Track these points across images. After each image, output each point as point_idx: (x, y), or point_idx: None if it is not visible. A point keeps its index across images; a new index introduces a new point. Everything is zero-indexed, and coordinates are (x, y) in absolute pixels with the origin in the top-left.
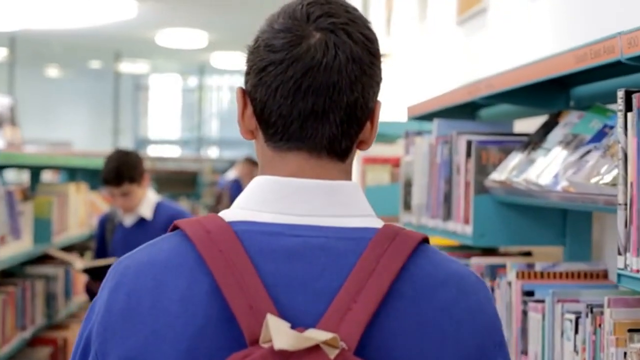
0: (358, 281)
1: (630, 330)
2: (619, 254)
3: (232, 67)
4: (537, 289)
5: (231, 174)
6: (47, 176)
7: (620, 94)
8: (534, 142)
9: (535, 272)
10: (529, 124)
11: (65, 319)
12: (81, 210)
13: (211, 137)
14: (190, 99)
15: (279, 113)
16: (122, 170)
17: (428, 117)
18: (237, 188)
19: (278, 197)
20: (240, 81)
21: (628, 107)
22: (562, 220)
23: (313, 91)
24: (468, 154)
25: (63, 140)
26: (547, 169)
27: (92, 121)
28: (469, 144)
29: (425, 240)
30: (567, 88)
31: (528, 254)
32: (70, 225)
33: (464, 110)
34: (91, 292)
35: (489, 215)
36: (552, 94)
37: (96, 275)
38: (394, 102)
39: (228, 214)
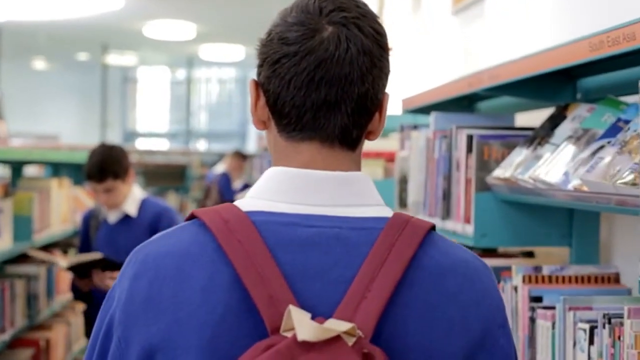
0: (371, 270)
1: None
2: None
3: (220, 60)
4: (545, 294)
5: (220, 168)
6: (33, 171)
7: None
8: (540, 136)
9: (543, 275)
10: (530, 118)
11: (47, 319)
12: (64, 207)
13: (200, 130)
14: (179, 91)
15: (292, 104)
16: (105, 165)
17: (422, 110)
18: (225, 182)
19: (292, 188)
20: (229, 73)
21: None
22: (568, 220)
23: (326, 82)
24: (469, 149)
25: (50, 134)
26: (556, 166)
27: (79, 114)
28: (470, 138)
29: (432, 228)
30: (573, 79)
31: (529, 254)
32: (53, 222)
33: (461, 103)
34: (77, 291)
35: (491, 215)
36: (558, 86)
37: (82, 272)
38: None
39: (243, 204)
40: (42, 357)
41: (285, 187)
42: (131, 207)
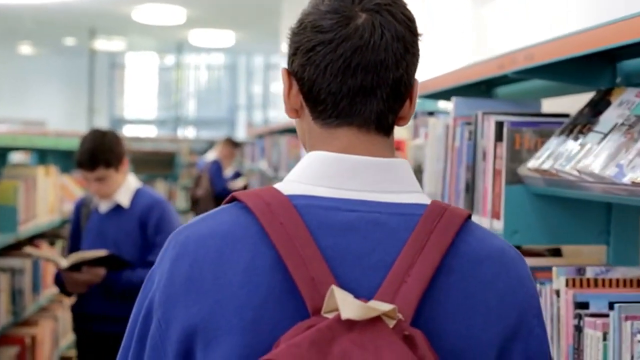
0: (410, 256)
1: None
2: None
3: (210, 45)
4: (591, 300)
5: (211, 155)
6: (18, 157)
7: None
8: (580, 124)
9: (588, 278)
10: (556, 104)
11: (33, 315)
12: (51, 196)
13: (188, 117)
14: (168, 77)
15: (328, 90)
16: (97, 152)
17: (434, 96)
18: (216, 169)
19: (332, 172)
20: (218, 59)
21: None
22: (606, 216)
23: (362, 69)
24: (498, 138)
25: (37, 120)
26: (605, 157)
27: (66, 100)
28: (500, 125)
29: (469, 217)
30: (613, 62)
31: (556, 251)
32: (39, 212)
33: (479, 89)
34: (61, 285)
35: (524, 210)
36: (596, 69)
37: (79, 268)
38: None
39: (283, 187)
40: (27, 355)
41: (325, 172)
42: (124, 198)
